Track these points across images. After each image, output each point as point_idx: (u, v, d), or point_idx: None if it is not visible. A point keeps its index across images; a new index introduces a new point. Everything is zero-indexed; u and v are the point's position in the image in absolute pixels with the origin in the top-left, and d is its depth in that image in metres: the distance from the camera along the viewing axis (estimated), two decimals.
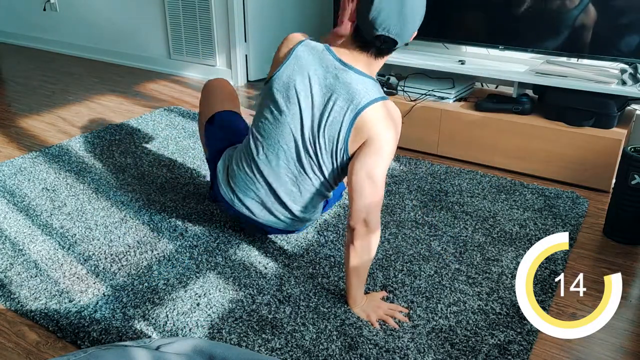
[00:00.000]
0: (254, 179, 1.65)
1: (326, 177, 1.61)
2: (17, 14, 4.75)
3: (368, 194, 1.45)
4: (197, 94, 3.54)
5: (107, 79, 3.88)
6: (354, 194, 1.46)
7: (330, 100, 1.50)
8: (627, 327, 1.52)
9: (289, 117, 1.55)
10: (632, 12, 2.21)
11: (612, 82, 2.26)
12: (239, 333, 1.46)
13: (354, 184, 1.46)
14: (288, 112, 1.55)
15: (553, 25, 2.37)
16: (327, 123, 1.51)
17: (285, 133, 1.57)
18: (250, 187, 1.67)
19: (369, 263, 1.53)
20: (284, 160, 1.60)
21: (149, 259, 1.78)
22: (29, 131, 2.89)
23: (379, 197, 1.47)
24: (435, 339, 1.45)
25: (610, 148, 2.20)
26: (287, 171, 1.61)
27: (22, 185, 2.26)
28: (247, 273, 1.71)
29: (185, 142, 2.70)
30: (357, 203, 1.46)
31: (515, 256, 1.81)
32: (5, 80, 3.87)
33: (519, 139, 2.37)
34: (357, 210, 1.46)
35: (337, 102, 1.49)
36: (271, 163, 1.61)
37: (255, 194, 1.67)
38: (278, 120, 1.57)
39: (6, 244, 1.86)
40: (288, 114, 1.55)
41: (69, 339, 1.46)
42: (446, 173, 2.39)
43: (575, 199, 2.17)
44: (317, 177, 1.61)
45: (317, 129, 1.53)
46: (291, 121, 1.55)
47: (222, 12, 3.63)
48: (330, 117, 1.51)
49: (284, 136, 1.57)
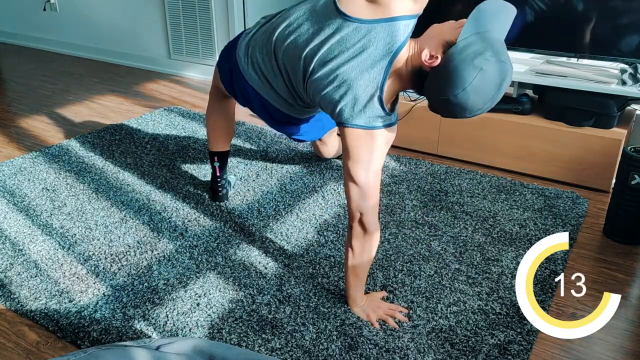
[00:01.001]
0: (261, 49, 1.67)
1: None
2: (17, 14, 4.75)
3: (358, 199, 1.44)
4: (197, 94, 3.54)
5: (107, 79, 3.88)
6: (347, 197, 1.47)
7: (335, 82, 1.45)
8: (627, 327, 1.52)
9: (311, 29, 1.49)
10: (632, 12, 2.21)
11: (612, 82, 2.26)
12: (239, 333, 1.46)
13: (345, 188, 1.47)
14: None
15: (553, 25, 2.37)
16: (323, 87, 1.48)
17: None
18: (257, 54, 1.68)
19: (369, 264, 1.53)
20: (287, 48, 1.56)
21: (149, 259, 1.78)
22: (29, 131, 2.89)
23: (372, 201, 1.45)
24: (435, 339, 1.45)
25: (610, 148, 2.20)
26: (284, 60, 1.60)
27: (22, 185, 2.26)
28: (247, 273, 1.71)
29: (185, 142, 2.70)
30: (351, 206, 1.46)
31: (515, 256, 1.81)
32: (5, 80, 3.87)
33: (519, 139, 2.37)
34: (352, 213, 1.46)
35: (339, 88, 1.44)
36: (276, 42, 1.59)
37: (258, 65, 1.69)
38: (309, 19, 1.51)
39: (6, 244, 1.86)
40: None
41: (69, 339, 1.46)
42: (446, 173, 2.39)
43: (575, 199, 2.17)
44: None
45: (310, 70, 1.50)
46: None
47: (222, 12, 3.63)
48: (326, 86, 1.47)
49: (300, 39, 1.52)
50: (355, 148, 1.44)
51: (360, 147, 1.43)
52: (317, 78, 1.48)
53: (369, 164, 1.44)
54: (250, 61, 1.72)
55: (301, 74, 1.54)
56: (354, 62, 1.41)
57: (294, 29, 1.54)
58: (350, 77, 1.42)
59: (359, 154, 1.43)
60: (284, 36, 1.57)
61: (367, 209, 1.45)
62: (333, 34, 1.44)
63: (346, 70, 1.42)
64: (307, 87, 1.55)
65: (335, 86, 1.44)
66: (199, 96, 3.50)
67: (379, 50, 1.39)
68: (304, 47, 1.50)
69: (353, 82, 1.42)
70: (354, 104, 1.42)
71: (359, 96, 1.42)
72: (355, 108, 1.42)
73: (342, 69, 1.42)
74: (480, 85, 1.28)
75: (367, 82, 1.41)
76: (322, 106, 1.54)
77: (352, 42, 1.41)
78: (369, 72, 1.40)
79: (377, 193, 1.47)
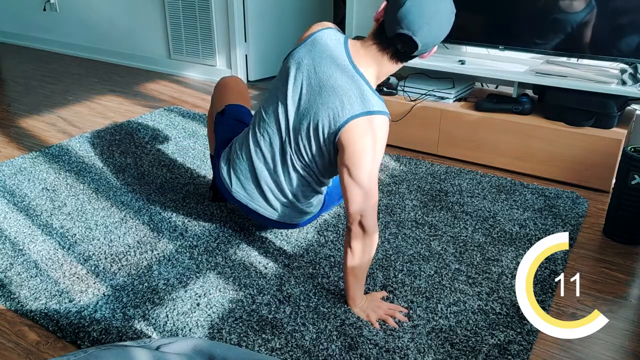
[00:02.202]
0: (243, 159, 1.66)
1: (310, 169, 1.60)
2: (17, 14, 4.75)
3: (358, 199, 1.44)
4: (197, 94, 3.54)
5: (107, 79, 3.88)
6: (345, 198, 1.47)
7: (312, 111, 1.49)
8: (627, 327, 1.52)
9: (282, 96, 1.55)
10: (632, 12, 2.21)
11: (612, 82, 2.26)
12: (239, 333, 1.46)
13: (343, 188, 1.47)
14: (285, 91, 1.55)
15: (553, 26, 2.37)
16: (311, 127, 1.51)
17: (278, 113, 1.56)
18: (241, 167, 1.67)
19: (368, 264, 1.53)
20: (269, 143, 1.60)
21: (149, 259, 1.78)
22: (29, 131, 2.89)
23: (372, 202, 1.45)
24: (435, 339, 1.45)
25: (610, 148, 2.20)
26: (270, 155, 1.61)
27: (22, 185, 2.26)
28: (247, 273, 1.71)
29: (185, 142, 2.70)
30: (350, 207, 1.46)
31: (515, 256, 1.81)
32: (5, 80, 3.87)
33: (519, 139, 2.37)
34: (351, 214, 1.46)
35: (319, 116, 1.48)
36: (259, 143, 1.62)
37: (246, 175, 1.67)
38: (277, 96, 1.57)
39: (6, 244, 1.86)
40: (285, 93, 1.55)
41: (69, 339, 1.46)
42: (446, 173, 2.39)
43: (575, 199, 2.17)
44: (300, 168, 1.60)
45: (299, 126, 1.53)
46: (283, 101, 1.55)
47: (222, 12, 3.63)
48: (312, 125, 1.50)
49: (276, 117, 1.57)
50: (357, 144, 1.44)
51: (362, 143, 1.44)
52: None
53: (371, 162, 1.44)
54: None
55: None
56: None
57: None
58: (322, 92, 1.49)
59: (363, 150, 1.43)
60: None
61: (367, 210, 1.45)
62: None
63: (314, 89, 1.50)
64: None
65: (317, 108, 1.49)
66: (199, 96, 3.50)
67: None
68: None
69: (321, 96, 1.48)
70: (344, 101, 1.45)
71: (346, 91, 1.45)
72: (347, 102, 1.45)
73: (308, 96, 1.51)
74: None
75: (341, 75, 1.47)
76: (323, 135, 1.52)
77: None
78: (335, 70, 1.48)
79: (377, 193, 1.47)
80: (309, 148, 1.54)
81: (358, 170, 1.44)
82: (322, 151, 1.54)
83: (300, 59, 1.51)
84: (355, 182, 1.44)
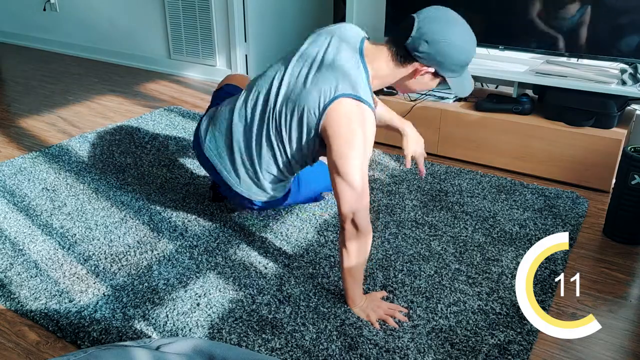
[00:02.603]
0: (225, 116, 1.70)
1: (282, 146, 1.60)
2: (17, 14, 4.75)
3: (349, 199, 1.44)
4: (197, 94, 3.54)
5: (107, 79, 3.88)
6: (337, 197, 1.47)
7: (307, 83, 1.51)
8: (627, 327, 1.52)
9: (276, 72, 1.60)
10: (632, 12, 2.21)
11: (612, 82, 2.26)
12: (239, 333, 1.46)
13: (334, 187, 1.47)
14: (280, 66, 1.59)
15: (553, 26, 2.37)
16: (300, 99, 1.51)
17: (276, 75, 1.60)
18: (220, 123, 1.70)
19: (364, 264, 1.53)
20: (254, 102, 1.62)
21: (149, 259, 1.78)
22: (29, 131, 2.89)
23: (363, 201, 1.45)
24: (435, 339, 1.45)
25: (610, 148, 2.20)
26: (251, 113, 1.62)
27: (22, 185, 2.26)
28: (247, 273, 1.71)
29: (185, 142, 2.70)
30: (342, 207, 1.46)
31: (515, 256, 1.81)
32: (5, 80, 3.87)
33: (519, 139, 2.37)
34: (343, 213, 1.46)
35: (312, 90, 1.49)
36: (247, 101, 1.64)
37: (222, 131, 1.70)
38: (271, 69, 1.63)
39: (6, 244, 1.86)
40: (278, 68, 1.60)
41: (69, 339, 1.46)
42: (446, 173, 2.39)
43: (575, 199, 2.17)
44: (273, 139, 1.60)
45: (289, 94, 1.54)
46: (286, 66, 1.59)
47: (222, 12, 3.63)
48: (301, 97, 1.51)
49: (272, 78, 1.60)
50: (342, 127, 1.43)
51: (349, 127, 1.43)
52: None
53: (360, 157, 1.43)
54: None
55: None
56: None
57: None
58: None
59: (350, 136, 1.43)
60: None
61: (359, 210, 1.45)
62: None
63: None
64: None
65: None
66: (199, 96, 3.50)
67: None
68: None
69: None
70: (338, 81, 1.46)
71: (345, 74, 1.47)
72: (341, 83, 1.46)
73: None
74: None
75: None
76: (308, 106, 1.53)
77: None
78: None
79: (368, 192, 1.47)
80: (289, 122, 1.54)
81: (346, 165, 1.43)
82: (302, 130, 1.53)
83: (320, 34, 1.57)
84: (346, 181, 1.43)
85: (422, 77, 1.50)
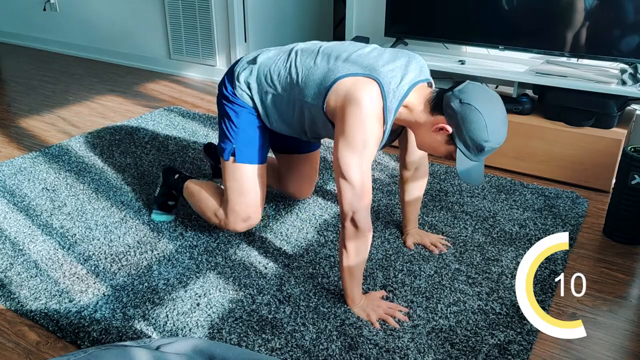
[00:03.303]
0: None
1: (288, 85, 1.60)
2: (17, 14, 4.75)
3: (350, 198, 1.44)
4: (197, 94, 3.54)
5: (107, 79, 3.88)
6: (339, 196, 1.47)
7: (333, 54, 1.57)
8: (627, 327, 1.53)
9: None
10: (632, 12, 2.21)
11: (612, 82, 2.26)
12: (239, 333, 1.46)
13: (337, 187, 1.47)
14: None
15: (553, 26, 2.37)
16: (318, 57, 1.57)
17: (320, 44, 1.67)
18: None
19: (363, 264, 1.53)
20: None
21: (149, 259, 1.78)
22: (29, 131, 2.89)
23: (364, 201, 1.45)
24: (435, 339, 1.45)
25: (610, 148, 2.20)
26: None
27: (22, 185, 2.26)
28: (247, 273, 1.71)
29: (185, 142, 2.70)
30: (343, 205, 1.46)
31: (515, 256, 1.81)
32: (5, 80, 3.87)
33: (519, 139, 2.37)
34: (344, 211, 1.46)
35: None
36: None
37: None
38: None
39: (6, 244, 1.86)
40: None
41: (69, 339, 1.46)
42: (446, 173, 2.40)
43: (575, 199, 2.17)
44: (284, 71, 1.62)
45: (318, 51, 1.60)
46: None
47: (222, 12, 3.63)
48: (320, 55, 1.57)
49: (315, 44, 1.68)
50: (350, 118, 1.43)
51: (355, 117, 1.43)
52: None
53: (360, 148, 1.43)
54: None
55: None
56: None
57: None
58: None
59: (353, 132, 1.42)
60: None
61: (360, 209, 1.45)
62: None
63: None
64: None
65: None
66: (199, 96, 3.50)
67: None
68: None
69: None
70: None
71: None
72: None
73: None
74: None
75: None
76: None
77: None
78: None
79: (370, 193, 1.47)
80: (302, 70, 1.57)
81: (348, 155, 1.43)
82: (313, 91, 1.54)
83: (401, 50, 1.59)
84: (347, 180, 1.44)
85: (438, 134, 1.44)
